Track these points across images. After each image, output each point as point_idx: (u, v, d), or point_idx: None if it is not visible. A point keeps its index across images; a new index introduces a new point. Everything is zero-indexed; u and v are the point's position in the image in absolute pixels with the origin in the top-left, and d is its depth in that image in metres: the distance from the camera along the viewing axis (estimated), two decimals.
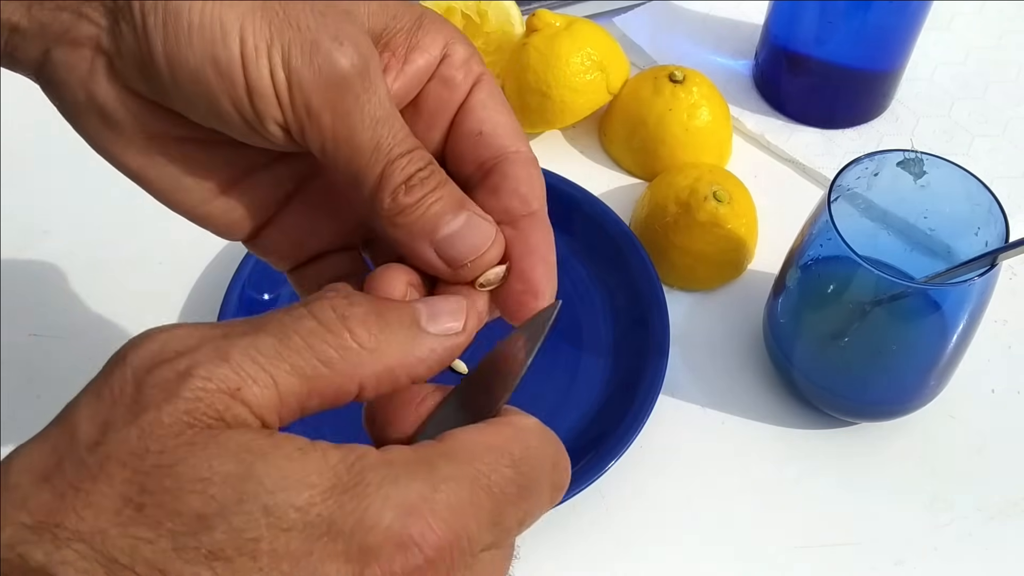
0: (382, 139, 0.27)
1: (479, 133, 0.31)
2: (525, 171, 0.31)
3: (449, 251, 0.29)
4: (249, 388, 0.23)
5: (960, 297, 0.47)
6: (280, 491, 0.21)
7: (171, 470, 0.21)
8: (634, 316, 0.56)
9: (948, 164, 0.48)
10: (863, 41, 0.62)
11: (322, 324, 0.24)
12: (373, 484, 0.22)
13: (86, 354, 0.57)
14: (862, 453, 0.53)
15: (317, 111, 0.27)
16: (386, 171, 0.28)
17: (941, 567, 0.50)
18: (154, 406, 0.22)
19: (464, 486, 0.23)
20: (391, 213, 0.28)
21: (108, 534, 0.21)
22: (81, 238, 0.61)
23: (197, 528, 0.21)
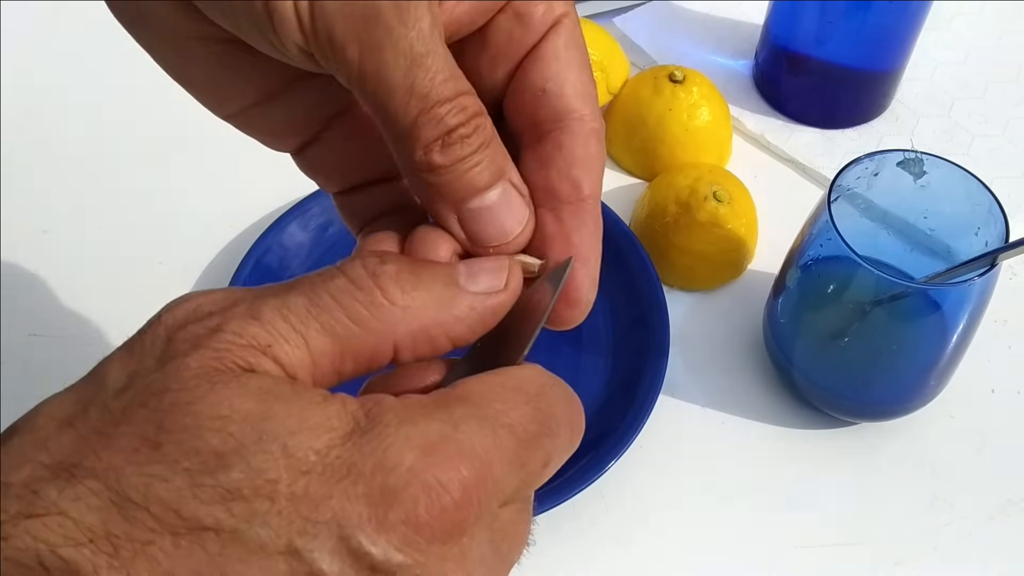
0: (418, 80, 0.23)
1: (542, 90, 0.27)
2: (583, 147, 0.27)
3: (473, 226, 0.26)
4: (280, 346, 0.22)
5: (960, 297, 0.47)
6: (300, 432, 0.21)
7: (190, 408, 0.20)
8: (634, 316, 0.56)
9: (948, 164, 0.48)
10: (863, 41, 0.62)
11: (352, 282, 0.23)
12: (392, 424, 0.21)
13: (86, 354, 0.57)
14: (862, 453, 0.53)
15: (341, 42, 0.23)
16: (420, 120, 0.24)
17: (941, 567, 0.50)
18: (181, 354, 0.21)
19: (485, 425, 0.22)
20: (419, 168, 0.25)
21: (123, 472, 0.20)
22: (81, 238, 0.61)
23: (214, 466, 0.20)
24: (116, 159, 0.66)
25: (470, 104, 0.24)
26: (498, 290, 0.25)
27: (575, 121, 0.27)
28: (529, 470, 0.23)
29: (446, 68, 0.24)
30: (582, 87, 0.27)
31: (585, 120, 0.27)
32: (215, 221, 0.62)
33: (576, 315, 0.28)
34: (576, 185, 0.27)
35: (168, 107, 0.68)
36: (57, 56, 0.71)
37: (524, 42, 0.27)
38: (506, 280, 0.25)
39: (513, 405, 0.23)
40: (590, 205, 0.27)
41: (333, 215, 0.60)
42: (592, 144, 0.27)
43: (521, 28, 0.27)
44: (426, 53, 0.23)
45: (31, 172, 0.64)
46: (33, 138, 0.66)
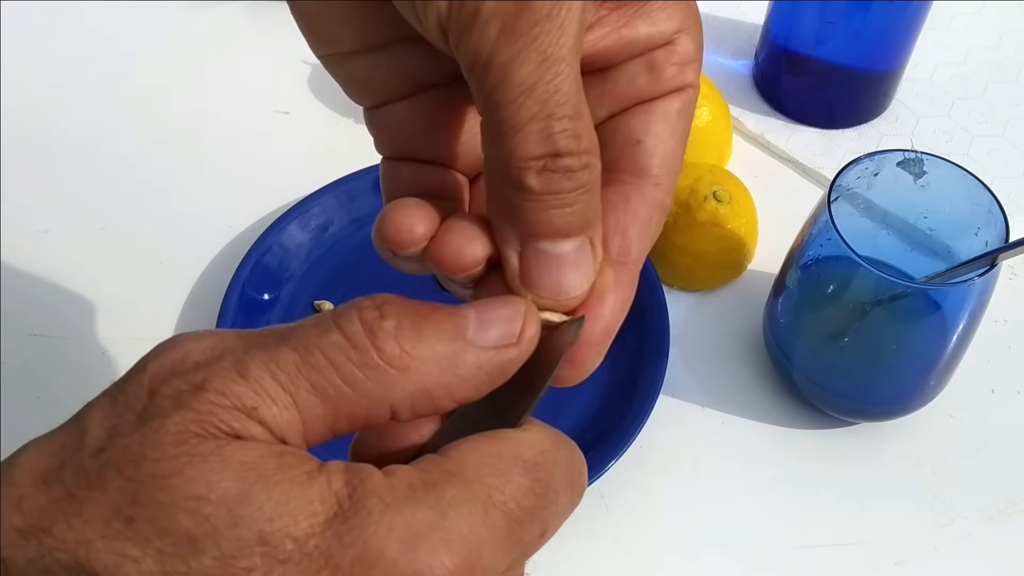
0: (543, 82, 0.21)
1: (638, 141, 0.25)
2: (648, 211, 0.25)
3: (532, 267, 0.23)
4: (267, 407, 0.21)
5: (960, 297, 0.47)
6: (278, 518, 0.19)
7: (166, 482, 0.19)
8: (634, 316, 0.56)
9: (948, 164, 0.48)
10: (863, 41, 0.62)
11: (347, 338, 0.21)
12: (375, 512, 0.20)
13: (86, 354, 0.58)
14: (862, 453, 0.53)
15: (485, 18, 0.21)
16: (530, 126, 0.22)
17: (941, 567, 0.50)
18: (161, 414, 0.20)
19: (476, 508, 0.21)
20: (508, 183, 0.22)
21: (93, 546, 0.19)
22: (81, 238, 0.61)
23: (186, 551, 0.19)
24: (116, 159, 0.66)
25: (586, 136, 0.22)
26: (510, 343, 0.23)
27: (653, 186, 0.26)
28: (524, 545, 0.22)
29: (575, 86, 0.22)
30: (673, 160, 0.26)
31: (661, 189, 0.26)
32: (215, 221, 0.62)
33: (578, 376, 0.25)
34: (627, 245, 0.25)
35: (168, 108, 0.69)
36: (57, 56, 0.71)
37: (645, 93, 0.26)
38: (520, 332, 0.23)
39: (508, 478, 0.21)
40: (632, 270, 0.26)
41: (333, 215, 0.60)
42: (657, 215, 0.26)
43: (649, 80, 0.26)
44: (561, 59, 0.21)
45: (31, 172, 0.64)
46: (33, 138, 0.66)
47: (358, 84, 0.27)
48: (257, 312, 0.56)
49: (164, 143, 0.67)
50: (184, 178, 0.65)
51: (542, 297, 0.24)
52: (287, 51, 0.70)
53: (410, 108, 0.27)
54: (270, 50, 0.71)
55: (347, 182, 0.60)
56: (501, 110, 0.22)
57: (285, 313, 0.57)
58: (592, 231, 0.24)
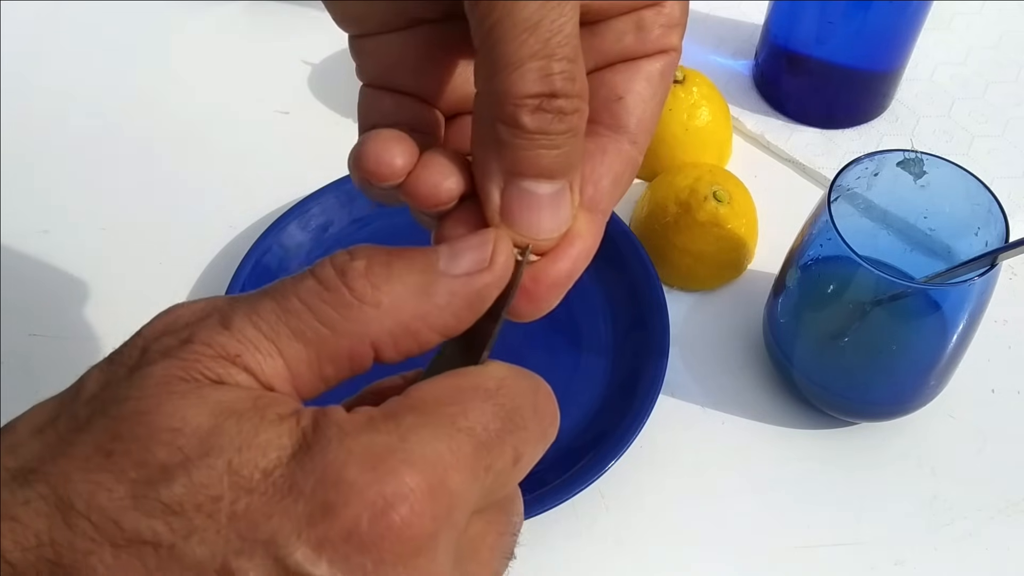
0: (546, 21, 0.22)
1: (619, 98, 0.26)
2: (622, 165, 0.26)
3: (512, 204, 0.24)
4: (251, 355, 0.21)
5: (960, 297, 0.47)
6: (247, 449, 0.20)
7: (144, 417, 0.20)
8: (634, 316, 0.56)
9: (948, 164, 0.48)
10: (863, 41, 0.62)
11: (320, 282, 0.22)
12: (335, 439, 0.20)
13: (86, 354, 0.58)
14: (862, 453, 0.53)
15: None
16: (530, 64, 0.22)
17: (941, 567, 0.50)
18: (148, 363, 0.21)
19: (439, 432, 0.21)
20: (502, 119, 0.23)
21: (71, 478, 0.20)
22: (81, 238, 0.61)
23: (158, 479, 0.20)
24: (116, 159, 0.66)
25: (580, 80, 0.23)
26: (482, 268, 0.23)
27: (629, 142, 0.26)
28: (496, 471, 0.22)
29: (576, 29, 0.22)
30: (650, 121, 0.27)
31: (636, 147, 0.27)
32: (215, 221, 0.62)
33: (534, 312, 0.25)
34: (599, 195, 0.26)
35: (168, 108, 0.69)
36: (57, 56, 0.71)
37: (630, 51, 0.26)
38: (491, 256, 0.23)
39: (470, 406, 0.22)
40: (599, 220, 0.26)
41: (333, 215, 0.60)
42: (629, 170, 0.27)
43: (636, 39, 0.26)
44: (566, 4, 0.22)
45: (31, 172, 0.64)
46: (33, 138, 0.66)
47: (350, 14, 0.27)
48: None
49: (164, 143, 0.67)
50: (184, 178, 0.65)
51: (519, 235, 0.24)
52: (287, 51, 0.70)
53: (399, 40, 0.27)
54: (270, 50, 0.71)
55: (347, 182, 0.60)
56: (502, 45, 0.22)
57: None
58: (573, 176, 0.24)
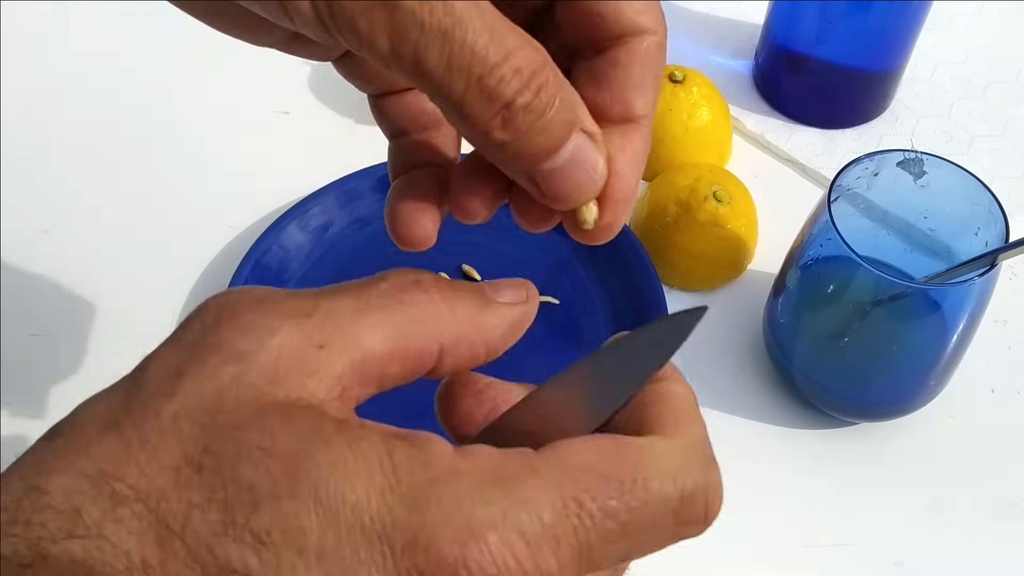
0: (454, 55, 0.21)
1: (597, 14, 0.25)
2: (640, 66, 0.25)
3: (549, 186, 0.24)
4: (332, 345, 0.21)
5: (960, 297, 0.47)
6: (335, 482, 0.20)
7: (235, 434, 0.20)
8: (634, 316, 0.56)
9: (948, 164, 0.48)
10: (863, 41, 0.62)
11: (397, 285, 0.23)
12: (434, 500, 0.20)
13: (86, 354, 0.58)
14: (862, 453, 0.53)
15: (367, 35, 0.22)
16: (468, 96, 0.22)
17: (941, 567, 0.50)
18: (232, 360, 0.21)
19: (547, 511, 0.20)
20: (482, 147, 0.24)
21: (166, 495, 0.19)
22: (81, 238, 0.61)
23: (248, 502, 0.19)
24: (116, 159, 0.66)
25: (524, 62, 0.22)
26: (522, 302, 0.25)
27: (634, 38, 0.25)
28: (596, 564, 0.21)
29: (484, 30, 0.21)
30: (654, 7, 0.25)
31: (645, 35, 0.25)
32: (215, 221, 0.62)
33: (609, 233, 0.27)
34: (628, 107, 0.25)
35: (168, 107, 0.69)
36: (57, 56, 0.71)
37: None
38: (527, 295, 0.25)
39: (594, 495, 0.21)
40: (641, 127, 0.26)
41: (333, 215, 0.60)
42: (653, 64, 0.25)
43: None
44: (456, 23, 0.21)
45: (31, 172, 0.64)
46: (33, 137, 0.66)
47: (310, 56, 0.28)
48: None
49: (164, 143, 0.67)
50: (184, 178, 0.65)
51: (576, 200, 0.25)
52: None
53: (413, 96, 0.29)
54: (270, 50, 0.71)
55: (347, 182, 0.60)
56: (439, 95, 0.22)
57: None
58: (578, 125, 0.24)
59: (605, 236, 0.27)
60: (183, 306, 0.58)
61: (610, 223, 0.26)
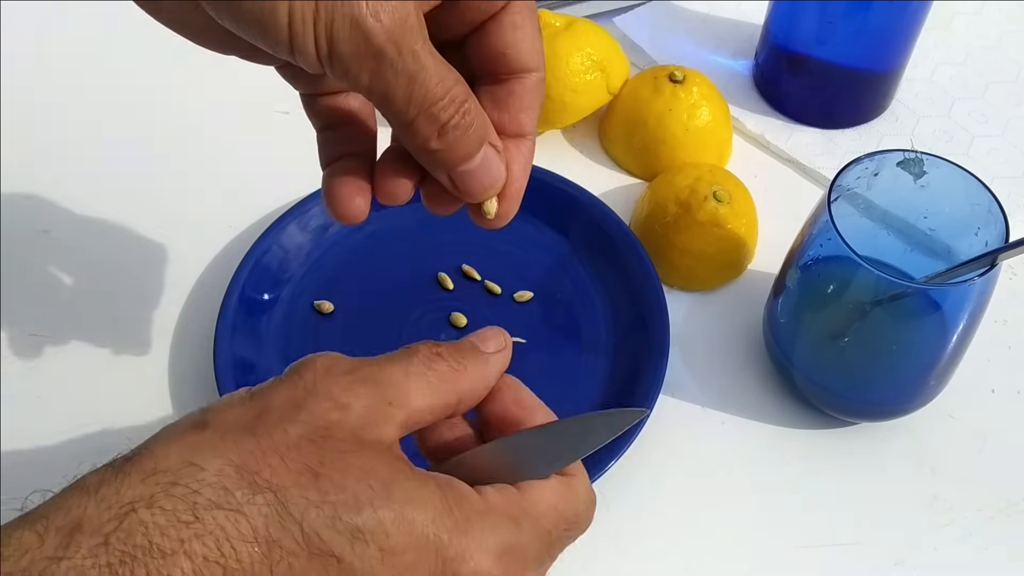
0: (415, 92, 0.29)
1: (502, 54, 0.33)
2: (530, 96, 0.34)
3: (462, 184, 0.32)
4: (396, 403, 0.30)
5: (960, 297, 0.47)
6: (410, 503, 0.28)
7: (344, 456, 0.28)
8: (634, 316, 0.56)
9: (948, 164, 0.48)
10: (863, 41, 0.62)
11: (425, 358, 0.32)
12: (475, 529, 0.29)
13: (86, 354, 0.58)
14: (862, 453, 0.53)
15: (355, 74, 0.29)
16: (418, 120, 0.30)
17: (941, 567, 0.50)
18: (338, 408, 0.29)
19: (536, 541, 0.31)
20: (419, 151, 0.31)
21: (289, 491, 0.27)
22: (81, 238, 0.61)
23: (352, 506, 0.27)
24: (116, 159, 0.66)
25: (458, 95, 0.30)
26: (503, 348, 0.34)
27: (527, 76, 0.34)
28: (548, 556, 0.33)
29: (436, 73, 0.30)
30: (534, 48, 0.33)
31: (533, 75, 0.34)
32: (214, 221, 0.62)
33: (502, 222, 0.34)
34: (521, 126, 0.34)
35: (168, 107, 0.69)
36: (57, 56, 0.71)
37: (487, 11, 0.32)
38: (504, 341, 0.34)
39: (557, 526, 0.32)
40: (529, 140, 0.34)
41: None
42: (537, 93, 0.34)
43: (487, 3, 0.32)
44: (420, 70, 0.29)
45: (31, 172, 0.64)
46: (33, 138, 0.66)
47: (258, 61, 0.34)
48: (257, 312, 0.56)
49: (164, 143, 0.67)
50: (184, 178, 0.65)
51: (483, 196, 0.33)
52: None
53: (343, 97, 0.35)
54: None
55: None
56: (396, 115, 0.30)
57: (285, 313, 0.57)
58: (487, 140, 0.32)
59: (502, 223, 0.34)
60: (183, 306, 0.58)
61: (506, 212, 0.34)
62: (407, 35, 0.29)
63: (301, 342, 0.56)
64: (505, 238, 0.59)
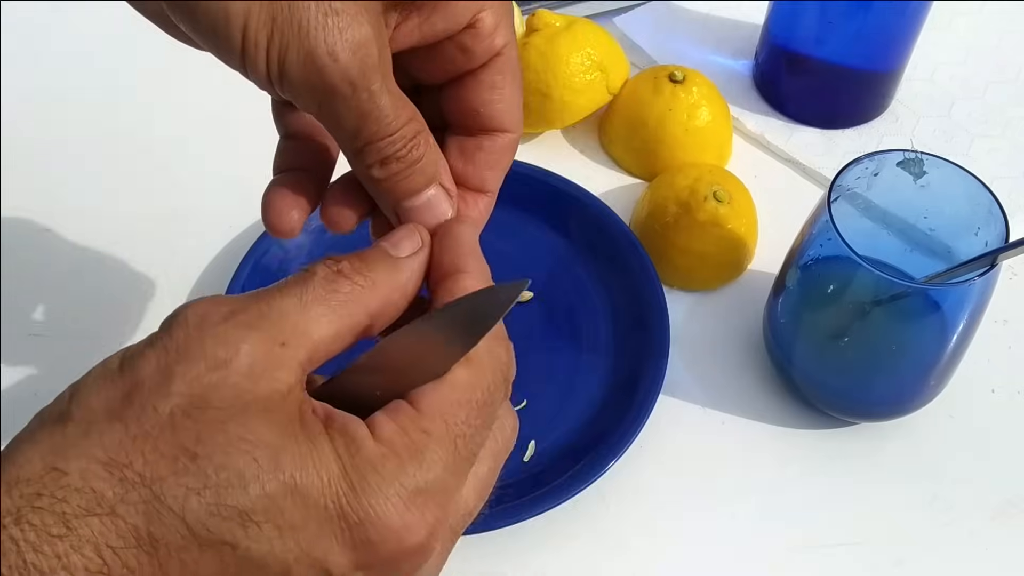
0: (365, 128, 0.29)
1: (477, 111, 0.32)
2: (498, 155, 0.33)
3: (405, 219, 0.31)
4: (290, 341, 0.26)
5: (960, 297, 0.47)
6: (302, 470, 0.25)
7: (223, 426, 0.24)
8: (634, 316, 0.56)
9: (948, 164, 0.48)
10: (863, 41, 0.62)
11: (324, 278, 0.28)
12: (374, 485, 0.26)
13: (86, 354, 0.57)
14: (862, 453, 0.53)
15: (305, 102, 0.28)
16: (364, 150, 0.29)
17: (941, 567, 0.50)
18: (215, 366, 0.25)
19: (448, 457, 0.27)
20: (364, 179, 0.31)
21: (165, 481, 0.24)
22: (81, 237, 0.61)
23: (237, 485, 0.24)
24: (116, 159, 0.66)
25: (408, 132, 0.29)
26: (420, 248, 0.30)
27: (499, 135, 0.33)
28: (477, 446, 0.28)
29: (390, 113, 0.29)
30: (512, 108, 0.32)
31: (507, 134, 0.33)
32: (215, 221, 0.62)
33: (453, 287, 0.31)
34: (484, 182, 0.33)
35: (168, 107, 0.69)
36: (57, 56, 0.71)
37: (466, 66, 0.32)
38: (420, 239, 0.30)
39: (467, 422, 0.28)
40: (488, 197, 0.33)
41: None
42: (507, 153, 0.33)
43: (464, 58, 0.31)
44: (372, 109, 0.28)
45: (31, 172, 0.64)
46: (33, 137, 0.66)
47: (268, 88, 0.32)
48: None
49: (164, 143, 0.67)
50: (184, 178, 0.65)
51: None
52: None
53: None
54: None
55: None
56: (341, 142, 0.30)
57: None
58: (437, 180, 0.31)
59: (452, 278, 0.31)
60: None
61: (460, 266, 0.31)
62: (365, 74, 0.28)
63: None
64: (505, 238, 0.59)
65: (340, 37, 0.27)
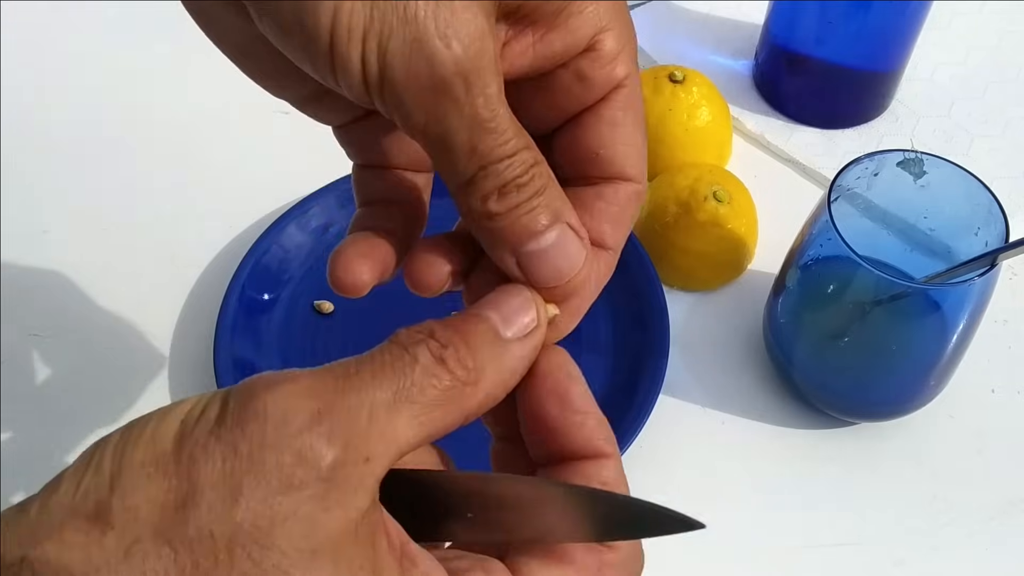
0: (481, 143, 0.24)
1: (596, 154, 0.28)
2: (620, 206, 0.28)
3: (529, 267, 0.26)
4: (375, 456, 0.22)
5: (960, 297, 0.47)
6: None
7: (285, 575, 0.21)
8: (634, 316, 0.56)
9: (948, 164, 0.48)
10: (863, 41, 0.62)
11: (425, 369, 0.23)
12: None
13: (86, 354, 0.58)
14: (862, 453, 0.53)
15: (409, 109, 0.24)
16: (479, 175, 0.25)
17: (941, 567, 0.50)
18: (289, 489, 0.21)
19: None
20: (477, 216, 0.25)
21: None
22: (81, 238, 0.61)
23: None
24: (116, 159, 0.66)
25: (528, 158, 0.25)
26: (534, 327, 0.25)
27: (622, 184, 0.28)
28: None
29: (509, 129, 0.24)
30: (635, 152, 0.28)
31: (631, 184, 0.28)
32: (215, 221, 0.62)
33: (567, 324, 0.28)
34: (603, 237, 0.28)
35: (168, 108, 0.69)
36: (57, 56, 0.71)
37: (583, 100, 0.27)
38: (536, 313, 0.26)
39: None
40: (609, 255, 0.29)
41: (333, 215, 0.60)
42: (631, 205, 0.28)
43: (581, 88, 0.27)
44: (491, 118, 0.24)
45: (31, 172, 0.64)
46: (33, 138, 0.66)
47: (320, 116, 0.29)
48: (257, 312, 0.56)
49: (164, 143, 0.67)
50: (184, 178, 0.65)
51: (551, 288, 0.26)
52: None
53: (373, 125, 0.29)
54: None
55: (347, 182, 0.60)
56: (452, 169, 0.25)
57: (285, 313, 0.57)
58: (565, 217, 0.26)
59: (557, 335, 0.28)
60: (183, 306, 0.58)
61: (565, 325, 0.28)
62: (480, 72, 0.23)
63: (301, 342, 0.56)
64: None
65: (454, 21, 0.23)
